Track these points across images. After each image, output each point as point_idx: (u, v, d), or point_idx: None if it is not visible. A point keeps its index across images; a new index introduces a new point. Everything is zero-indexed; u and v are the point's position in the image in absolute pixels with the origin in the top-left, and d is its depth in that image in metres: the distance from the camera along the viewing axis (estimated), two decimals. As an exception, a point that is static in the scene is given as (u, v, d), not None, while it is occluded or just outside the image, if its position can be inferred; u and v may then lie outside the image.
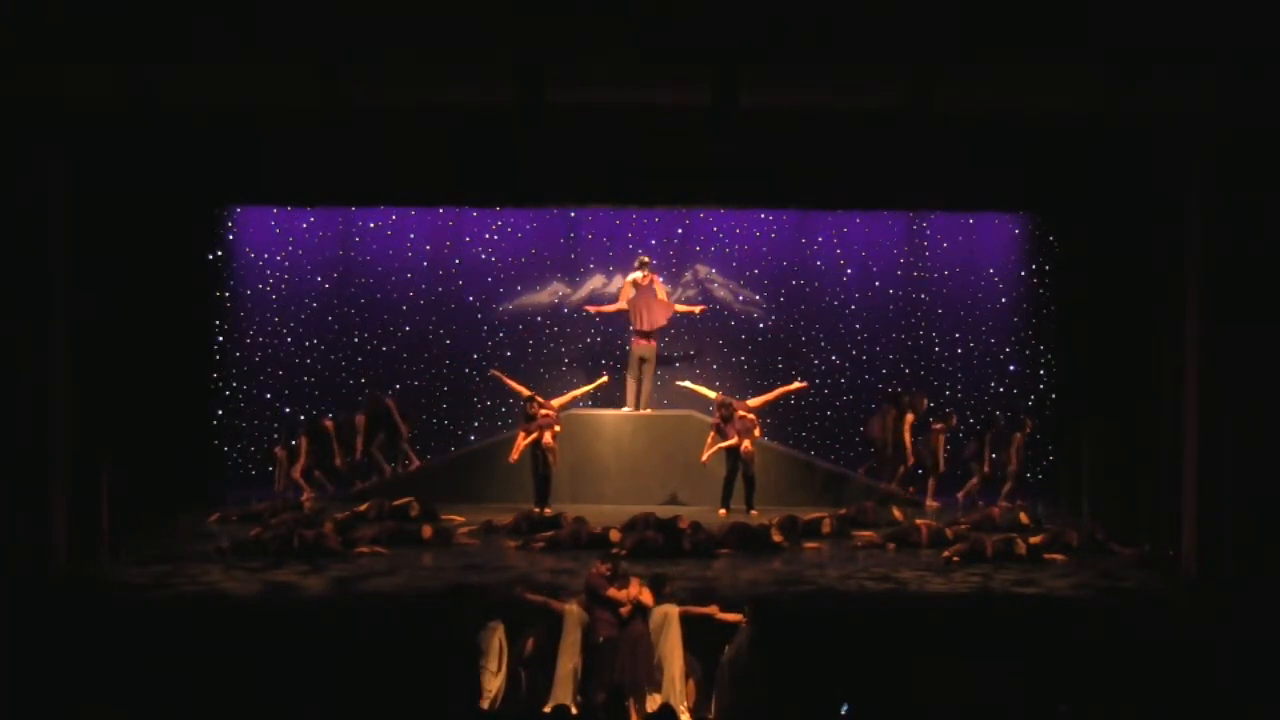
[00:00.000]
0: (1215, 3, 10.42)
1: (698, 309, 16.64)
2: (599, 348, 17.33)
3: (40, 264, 11.55)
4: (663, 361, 16.94)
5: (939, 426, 15.84)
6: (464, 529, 13.83)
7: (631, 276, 16.25)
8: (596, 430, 16.05)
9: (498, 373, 16.13)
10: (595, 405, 16.46)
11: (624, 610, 10.42)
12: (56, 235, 11.67)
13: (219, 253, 16.49)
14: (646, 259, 16.33)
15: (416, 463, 16.23)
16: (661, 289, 16.34)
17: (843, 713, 9.41)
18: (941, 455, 15.66)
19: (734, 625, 10.38)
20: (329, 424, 15.90)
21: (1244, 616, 10.72)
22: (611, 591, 10.49)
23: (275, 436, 16.36)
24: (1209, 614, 10.88)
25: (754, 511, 14.79)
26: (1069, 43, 10.64)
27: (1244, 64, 10.73)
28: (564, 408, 15.43)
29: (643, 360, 16.19)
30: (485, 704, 10.08)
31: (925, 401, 16.24)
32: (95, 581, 11.60)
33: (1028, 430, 15.78)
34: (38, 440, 11.55)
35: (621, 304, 16.28)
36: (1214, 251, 11.87)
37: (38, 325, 11.55)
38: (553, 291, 17.47)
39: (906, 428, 15.80)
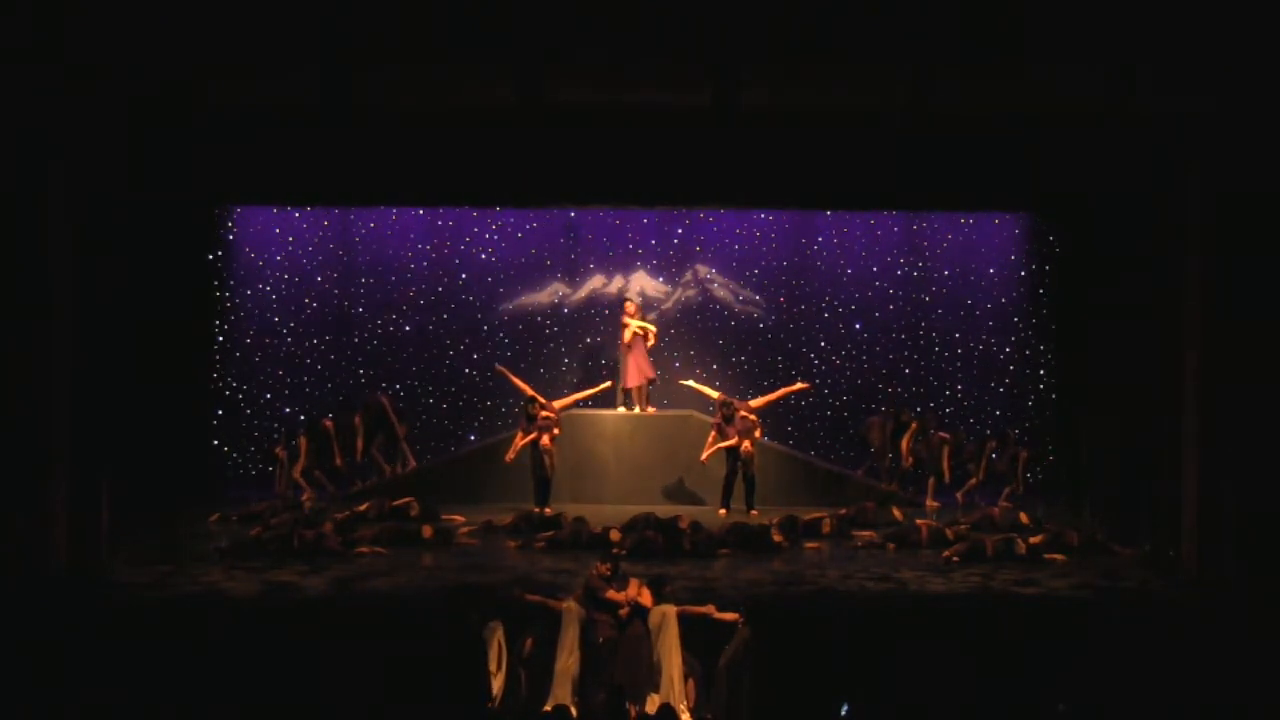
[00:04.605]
0: (1215, 8, 10.44)
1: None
2: (599, 348, 17.34)
3: (40, 264, 11.54)
4: (662, 363, 16.96)
5: (945, 436, 15.81)
6: (464, 529, 13.83)
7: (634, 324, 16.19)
8: (596, 430, 16.04)
9: (502, 369, 16.11)
10: (595, 405, 16.45)
11: (623, 612, 10.42)
12: (57, 235, 11.67)
13: (219, 253, 16.49)
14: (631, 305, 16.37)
15: (414, 462, 16.21)
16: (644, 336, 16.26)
17: (843, 713, 9.40)
18: (946, 465, 15.64)
19: (732, 625, 10.39)
20: (329, 424, 15.88)
21: (1244, 617, 10.73)
22: (610, 593, 10.49)
23: (275, 436, 16.34)
24: (1209, 614, 10.88)
25: (754, 511, 14.79)
26: (1068, 45, 10.65)
27: (1243, 66, 10.74)
28: (565, 409, 15.43)
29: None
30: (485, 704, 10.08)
31: (933, 418, 16.23)
32: (95, 581, 11.60)
33: (1025, 457, 15.71)
34: (38, 440, 11.54)
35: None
36: (1214, 251, 11.87)
37: (39, 325, 11.55)
38: (553, 291, 17.48)
39: (907, 436, 15.78)
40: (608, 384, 16.27)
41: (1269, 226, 11.60)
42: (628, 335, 16.09)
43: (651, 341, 16.20)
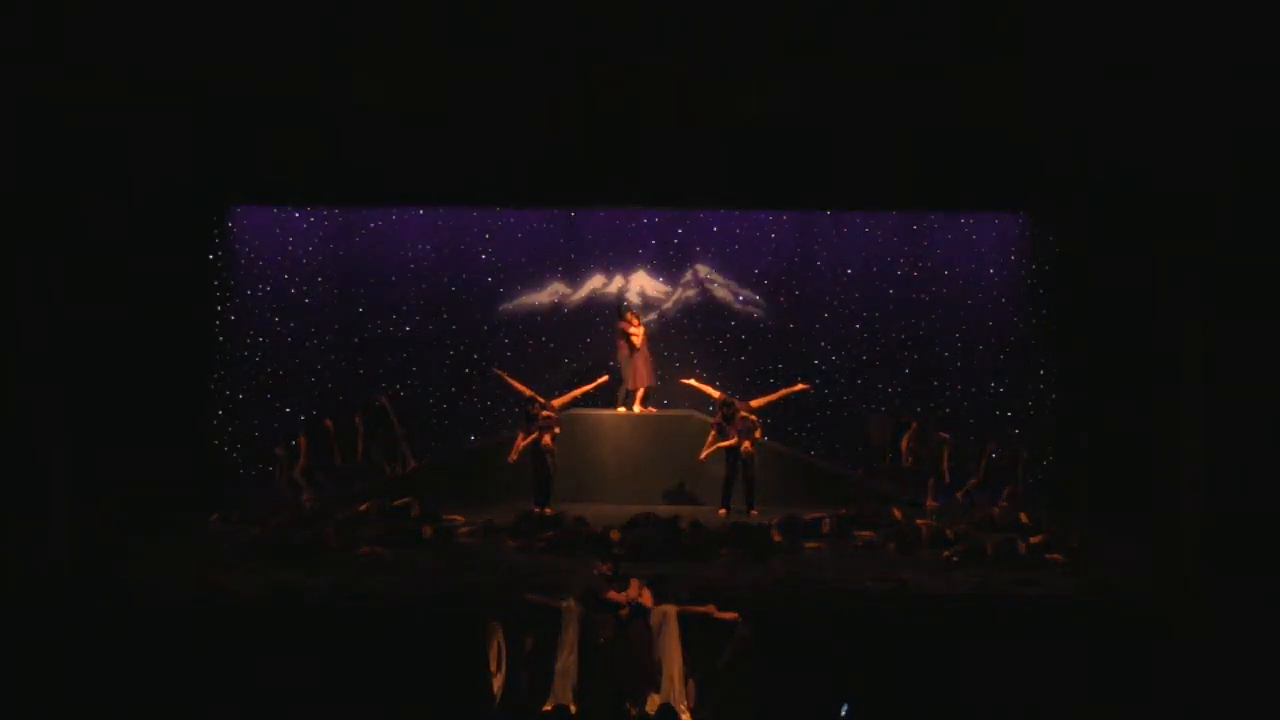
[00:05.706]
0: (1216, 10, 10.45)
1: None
2: (599, 348, 17.33)
3: (39, 264, 11.55)
4: (662, 363, 16.96)
5: (945, 436, 15.81)
6: (464, 529, 13.83)
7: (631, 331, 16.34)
8: (596, 430, 16.05)
9: (500, 372, 16.12)
10: (595, 405, 16.46)
11: (623, 612, 10.42)
12: (55, 235, 11.68)
13: (219, 253, 16.50)
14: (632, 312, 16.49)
15: (414, 462, 16.21)
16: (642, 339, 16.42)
17: (843, 713, 9.40)
18: (946, 465, 15.65)
19: (732, 625, 10.38)
20: (329, 424, 15.89)
21: (1241, 617, 10.73)
22: (611, 593, 10.49)
23: (275, 437, 16.34)
24: (1208, 615, 10.88)
25: (754, 511, 14.79)
26: (1068, 45, 10.66)
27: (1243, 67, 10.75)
28: (564, 407, 15.44)
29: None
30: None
31: (933, 418, 16.25)
32: (95, 581, 11.60)
33: (1025, 457, 15.72)
34: (38, 440, 11.55)
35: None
36: (1214, 252, 11.88)
37: (38, 325, 11.56)
38: (553, 291, 17.48)
39: (907, 436, 15.80)
40: (604, 378, 16.28)
41: (1268, 226, 11.61)
42: (638, 343, 16.18)
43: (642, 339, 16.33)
